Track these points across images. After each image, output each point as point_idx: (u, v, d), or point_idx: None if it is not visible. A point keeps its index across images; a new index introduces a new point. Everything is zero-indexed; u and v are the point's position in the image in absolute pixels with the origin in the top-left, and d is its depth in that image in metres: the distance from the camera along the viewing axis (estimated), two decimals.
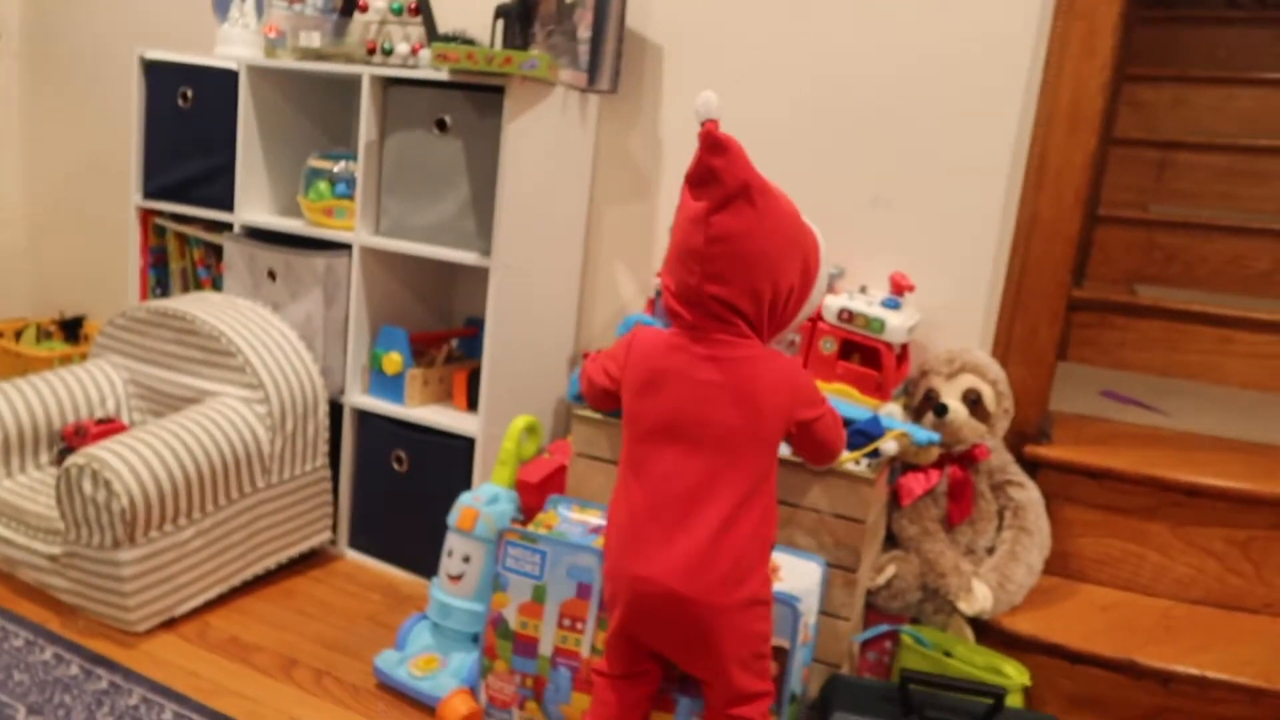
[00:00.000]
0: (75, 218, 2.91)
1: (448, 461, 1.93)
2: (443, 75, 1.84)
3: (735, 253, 1.21)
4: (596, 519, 1.59)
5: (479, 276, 1.91)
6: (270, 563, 1.94)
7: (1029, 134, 1.74)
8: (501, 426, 1.88)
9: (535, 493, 1.74)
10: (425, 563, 1.90)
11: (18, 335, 2.73)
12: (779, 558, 1.51)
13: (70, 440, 1.90)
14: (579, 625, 1.47)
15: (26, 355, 2.60)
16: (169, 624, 1.76)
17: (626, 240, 2.11)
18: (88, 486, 1.64)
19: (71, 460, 1.66)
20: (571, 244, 2.08)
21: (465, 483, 1.91)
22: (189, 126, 2.17)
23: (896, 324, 1.70)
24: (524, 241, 1.90)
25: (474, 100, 1.87)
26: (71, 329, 2.78)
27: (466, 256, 1.88)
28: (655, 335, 1.31)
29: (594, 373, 1.39)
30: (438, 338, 2.16)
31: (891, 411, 1.70)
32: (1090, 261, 2.80)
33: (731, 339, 1.24)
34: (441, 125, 1.91)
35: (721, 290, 1.22)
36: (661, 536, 1.22)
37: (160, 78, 2.19)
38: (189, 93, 2.16)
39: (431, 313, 2.24)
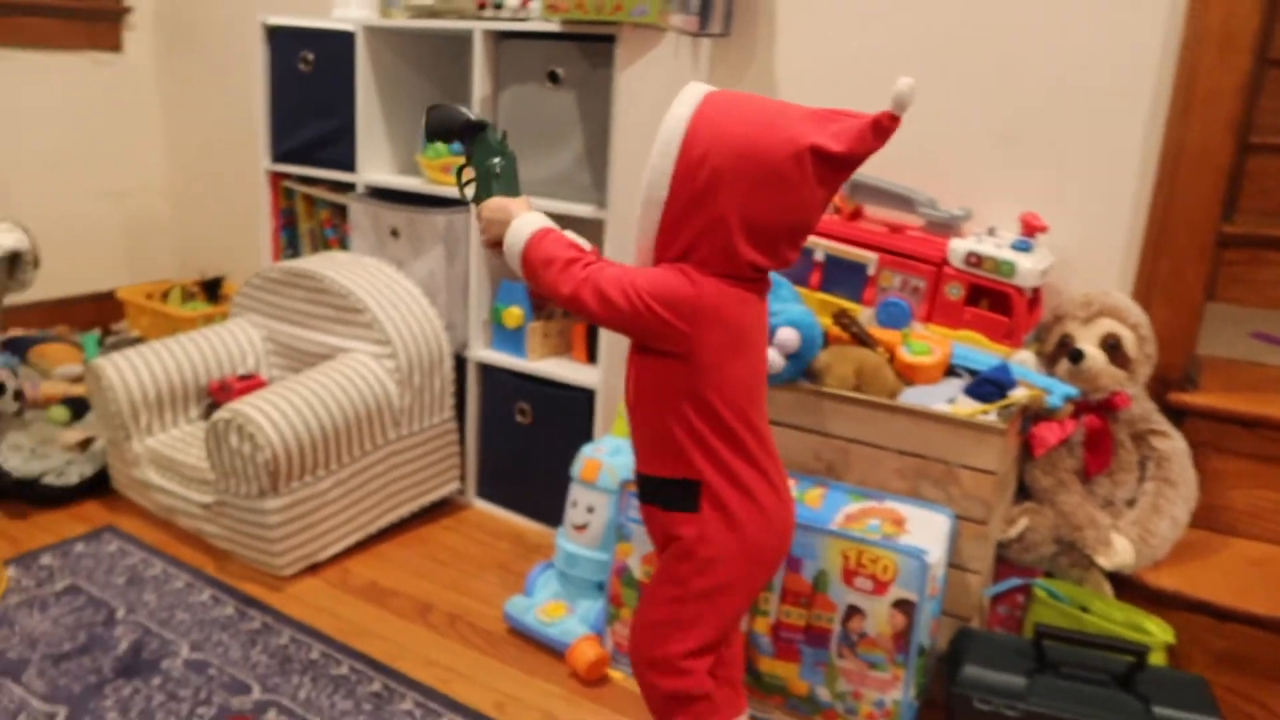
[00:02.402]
0: (212, 183, 3.05)
1: (569, 413, 1.96)
2: (553, 26, 1.83)
3: None
4: None
5: (595, 229, 1.91)
6: (404, 511, 2.02)
7: (1174, 58, 1.62)
8: (621, 378, 1.89)
9: None
10: (551, 512, 1.94)
11: (164, 296, 2.89)
12: (905, 509, 1.48)
13: (216, 395, 2.01)
14: None
15: (174, 315, 2.75)
16: (312, 569, 1.86)
17: None
18: (234, 440, 1.73)
19: (218, 415, 1.75)
20: None
21: (587, 434, 1.93)
22: (311, 90, 2.23)
23: (1028, 267, 1.62)
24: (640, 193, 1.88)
25: (585, 51, 1.86)
26: (212, 289, 2.92)
27: (583, 209, 1.88)
28: (719, 284, 1.13)
29: (640, 293, 1.15)
30: None
31: (1024, 359, 1.64)
32: (1242, 194, 2.60)
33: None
34: (554, 78, 1.90)
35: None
36: (788, 488, 1.23)
37: (282, 43, 2.25)
38: (309, 56, 2.21)
39: None
